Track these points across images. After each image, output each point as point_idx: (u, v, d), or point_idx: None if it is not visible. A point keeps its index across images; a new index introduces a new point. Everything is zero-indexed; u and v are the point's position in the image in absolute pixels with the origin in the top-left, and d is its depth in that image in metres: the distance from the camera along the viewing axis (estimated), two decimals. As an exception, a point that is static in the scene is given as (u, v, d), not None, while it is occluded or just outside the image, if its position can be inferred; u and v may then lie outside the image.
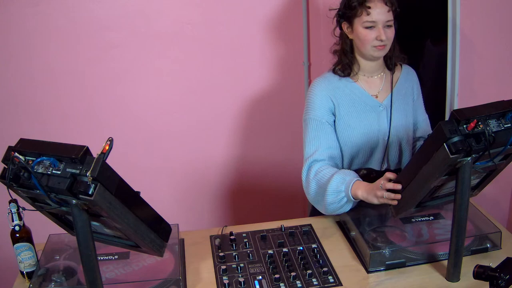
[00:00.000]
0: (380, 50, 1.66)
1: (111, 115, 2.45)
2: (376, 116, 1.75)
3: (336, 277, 1.46)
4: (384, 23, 1.62)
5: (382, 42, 1.63)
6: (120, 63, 2.38)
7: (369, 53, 1.68)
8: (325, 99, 1.73)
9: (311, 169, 1.69)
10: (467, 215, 1.35)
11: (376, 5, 1.61)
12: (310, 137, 1.73)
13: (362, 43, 1.66)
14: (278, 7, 2.47)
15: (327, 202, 1.64)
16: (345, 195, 1.60)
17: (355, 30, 1.67)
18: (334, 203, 1.63)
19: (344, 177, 1.61)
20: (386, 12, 1.62)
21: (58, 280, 1.44)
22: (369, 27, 1.63)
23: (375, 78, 1.77)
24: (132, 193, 1.20)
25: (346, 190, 1.60)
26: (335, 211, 1.67)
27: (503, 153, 1.32)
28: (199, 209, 2.73)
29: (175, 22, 2.37)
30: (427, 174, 1.34)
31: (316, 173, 1.68)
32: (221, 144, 2.64)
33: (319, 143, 1.71)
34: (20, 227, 1.44)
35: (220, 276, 1.47)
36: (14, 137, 1.20)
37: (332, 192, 1.62)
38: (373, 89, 1.76)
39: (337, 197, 1.62)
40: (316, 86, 1.76)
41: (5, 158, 1.13)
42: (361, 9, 1.62)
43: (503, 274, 1.14)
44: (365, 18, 1.62)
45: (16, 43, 2.26)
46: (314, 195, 1.69)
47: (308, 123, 1.74)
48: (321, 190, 1.66)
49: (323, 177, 1.65)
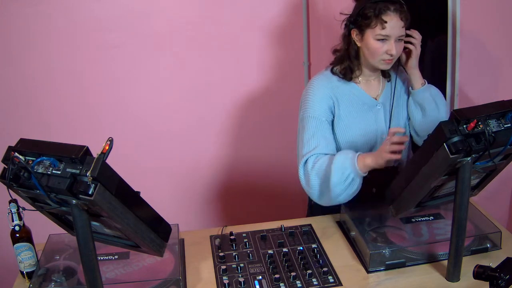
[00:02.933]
0: (388, 64, 1.66)
1: (111, 115, 2.45)
2: (373, 116, 1.74)
3: (336, 277, 1.46)
4: (396, 38, 1.61)
5: (392, 56, 1.62)
6: (120, 63, 2.38)
7: (376, 65, 1.67)
8: (325, 97, 1.70)
9: (307, 163, 1.64)
10: (467, 215, 1.35)
11: (392, 19, 1.58)
12: (309, 135, 1.68)
13: (372, 55, 1.64)
14: (278, 8, 2.47)
15: (332, 183, 1.56)
16: (352, 170, 1.54)
17: (366, 40, 1.64)
18: (340, 184, 1.56)
19: (346, 155, 1.57)
20: (401, 27, 1.60)
21: (58, 280, 1.44)
22: (381, 40, 1.61)
23: (372, 81, 1.77)
24: (132, 193, 1.20)
25: (352, 165, 1.54)
26: (341, 195, 1.59)
27: (503, 153, 1.32)
28: (199, 209, 2.73)
29: (175, 22, 2.38)
30: (427, 174, 1.34)
31: (314, 164, 1.62)
32: (221, 144, 2.64)
33: (318, 142, 1.67)
34: (20, 227, 1.44)
35: (220, 276, 1.47)
36: (14, 137, 1.20)
37: (337, 170, 1.55)
38: (371, 91, 1.76)
39: (343, 175, 1.55)
40: (315, 84, 1.73)
41: (5, 158, 1.13)
42: (377, 21, 1.59)
43: (503, 274, 1.14)
44: (379, 31, 1.60)
45: (16, 43, 2.26)
46: (317, 186, 1.62)
47: (306, 122, 1.70)
48: (324, 177, 1.60)
49: (322, 164, 1.60)
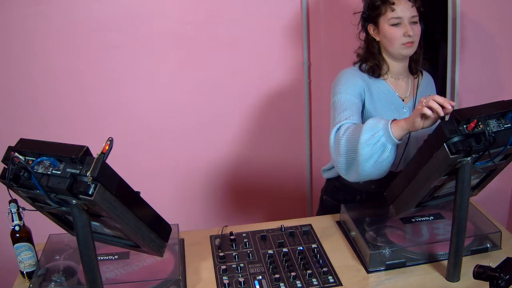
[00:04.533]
0: (409, 47, 1.65)
1: (111, 115, 2.45)
2: (398, 117, 1.70)
3: (336, 277, 1.46)
4: (410, 19, 1.62)
5: (410, 38, 1.62)
6: (121, 63, 2.38)
7: (398, 52, 1.67)
8: (357, 84, 1.68)
9: (340, 129, 1.56)
10: (467, 215, 1.35)
11: (400, 1, 1.61)
12: (341, 108, 1.61)
13: (390, 41, 1.65)
14: (279, 8, 2.47)
15: (361, 142, 1.46)
16: (383, 132, 1.44)
17: (382, 29, 1.66)
18: (369, 144, 1.45)
19: (380, 118, 1.49)
20: (410, 7, 1.62)
21: (58, 280, 1.44)
22: (396, 24, 1.62)
23: (401, 81, 1.76)
24: (132, 193, 1.20)
25: (384, 125, 1.45)
26: (369, 160, 1.47)
27: (503, 153, 1.32)
28: (199, 209, 2.73)
29: (175, 22, 2.38)
30: (427, 174, 1.34)
31: (346, 130, 1.54)
32: (221, 144, 2.64)
33: (352, 113, 1.60)
34: (20, 227, 1.44)
35: (220, 276, 1.47)
36: (14, 137, 1.20)
37: (368, 129, 1.46)
38: (400, 91, 1.75)
39: (373, 136, 1.45)
40: (348, 72, 1.73)
41: (5, 158, 1.13)
42: (385, 6, 1.62)
43: (503, 274, 1.14)
44: (390, 15, 1.62)
45: (16, 43, 2.26)
46: (346, 153, 1.52)
47: (338, 100, 1.64)
48: (354, 141, 1.50)
49: (355, 129, 1.51)
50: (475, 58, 2.18)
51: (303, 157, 2.78)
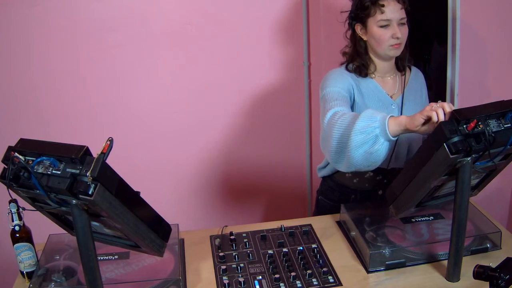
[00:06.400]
0: (396, 49, 1.66)
1: (111, 115, 2.45)
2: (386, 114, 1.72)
3: (336, 277, 1.46)
4: (398, 21, 1.63)
5: (398, 40, 1.63)
6: (121, 63, 2.38)
7: (385, 53, 1.67)
8: (346, 81, 1.69)
9: (336, 114, 1.54)
10: (467, 215, 1.35)
11: (389, 3, 1.61)
12: (332, 99, 1.60)
13: (378, 43, 1.65)
14: (278, 8, 2.47)
15: (355, 129, 1.43)
16: (379, 125, 1.41)
17: (370, 30, 1.66)
18: (363, 133, 1.42)
19: (379, 111, 1.47)
20: (399, 9, 1.62)
21: (58, 280, 1.44)
22: (384, 26, 1.63)
23: (388, 79, 1.77)
24: (132, 193, 1.20)
25: (382, 118, 1.42)
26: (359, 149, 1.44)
27: (503, 153, 1.32)
28: (199, 209, 2.73)
29: (175, 22, 2.38)
30: (427, 174, 1.34)
31: (342, 114, 1.52)
32: (221, 144, 2.64)
33: (342, 103, 1.60)
34: (20, 227, 1.44)
35: (220, 276, 1.47)
36: (14, 137, 1.20)
37: (365, 118, 1.43)
38: (388, 88, 1.76)
39: (369, 126, 1.42)
40: (336, 71, 1.73)
41: (5, 158, 1.13)
42: (375, 8, 1.62)
43: (503, 274, 1.14)
44: (380, 17, 1.62)
45: (16, 43, 2.26)
46: (338, 137, 1.49)
47: (328, 94, 1.63)
48: (348, 125, 1.47)
49: (352, 116, 1.49)
50: (475, 58, 2.18)
51: (303, 157, 2.79)
